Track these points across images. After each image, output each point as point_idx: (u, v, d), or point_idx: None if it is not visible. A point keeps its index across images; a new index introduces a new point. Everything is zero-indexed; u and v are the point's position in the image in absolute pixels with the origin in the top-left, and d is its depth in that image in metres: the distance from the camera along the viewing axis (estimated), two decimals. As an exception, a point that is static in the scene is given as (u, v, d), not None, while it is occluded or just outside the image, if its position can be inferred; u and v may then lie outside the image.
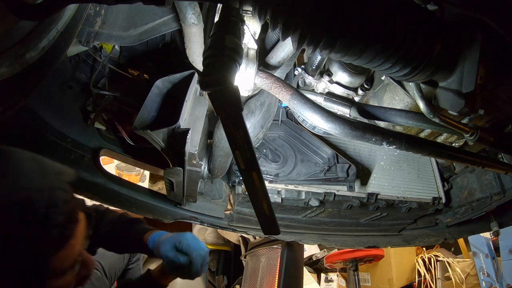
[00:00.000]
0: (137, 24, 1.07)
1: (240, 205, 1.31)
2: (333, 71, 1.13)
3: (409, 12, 0.68)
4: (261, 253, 2.35)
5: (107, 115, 1.22)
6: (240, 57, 0.62)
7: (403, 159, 1.55)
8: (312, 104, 0.84)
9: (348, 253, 2.68)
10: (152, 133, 0.85)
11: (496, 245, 2.68)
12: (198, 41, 0.96)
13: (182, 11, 0.89)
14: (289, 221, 1.47)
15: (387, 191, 1.44)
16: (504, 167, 0.98)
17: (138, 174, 2.65)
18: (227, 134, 0.60)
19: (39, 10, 0.53)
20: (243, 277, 2.43)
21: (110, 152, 1.26)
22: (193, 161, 0.98)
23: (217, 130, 1.11)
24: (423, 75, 0.74)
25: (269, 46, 0.98)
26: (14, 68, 0.60)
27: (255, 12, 0.65)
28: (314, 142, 1.35)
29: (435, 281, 2.95)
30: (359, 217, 1.52)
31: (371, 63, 0.72)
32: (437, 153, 0.90)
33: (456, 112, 0.75)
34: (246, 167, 0.62)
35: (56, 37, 0.68)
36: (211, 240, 3.16)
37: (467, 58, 0.71)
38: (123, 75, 1.25)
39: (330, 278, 3.21)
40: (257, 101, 1.07)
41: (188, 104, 0.93)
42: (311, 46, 0.68)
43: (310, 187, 1.30)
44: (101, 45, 1.16)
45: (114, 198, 1.21)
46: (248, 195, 0.65)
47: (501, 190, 1.40)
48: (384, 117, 0.98)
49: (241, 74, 0.89)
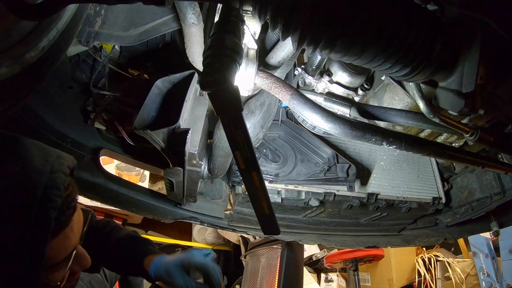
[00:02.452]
0: (137, 24, 1.07)
1: (240, 205, 1.31)
2: (333, 71, 1.13)
3: (409, 12, 0.68)
4: (261, 253, 2.35)
5: (107, 115, 1.22)
6: (240, 57, 0.62)
7: (403, 159, 1.55)
8: (312, 104, 0.84)
9: (348, 253, 2.68)
10: (152, 133, 0.85)
11: (496, 245, 2.68)
12: (198, 41, 0.96)
13: (182, 11, 0.89)
14: (289, 221, 1.47)
15: (387, 191, 1.44)
16: (504, 167, 0.98)
17: (138, 174, 2.65)
18: (227, 134, 0.60)
19: (39, 10, 0.53)
20: (243, 277, 2.43)
21: (110, 152, 1.26)
22: (193, 161, 0.98)
23: (217, 130, 1.11)
24: (423, 75, 0.74)
25: (269, 46, 0.98)
26: (14, 68, 0.60)
27: (255, 12, 0.65)
28: (314, 142, 1.35)
29: (435, 281, 2.95)
30: (359, 217, 1.52)
31: (371, 63, 0.72)
32: (437, 153, 0.90)
33: (456, 112, 0.75)
34: (246, 167, 0.62)
35: (56, 37, 0.68)
36: (211, 240, 3.16)
37: (467, 58, 0.71)
38: (123, 75, 1.25)
39: (330, 278, 3.21)
40: (257, 101, 1.07)
41: (188, 104, 0.93)
42: (311, 46, 0.68)
43: (310, 187, 1.30)
44: (101, 45, 1.16)
45: (114, 198, 1.21)
46: (248, 195, 0.65)
47: (501, 190, 1.40)
48: (384, 117, 0.98)
49: (241, 74, 0.89)
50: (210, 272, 0.97)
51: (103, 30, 0.96)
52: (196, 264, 0.97)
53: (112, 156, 1.30)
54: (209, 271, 0.97)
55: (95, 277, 1.53)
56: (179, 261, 0.97)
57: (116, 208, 1.23)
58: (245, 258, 2.57)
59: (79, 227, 0.64)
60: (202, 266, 0.97)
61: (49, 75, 0.73)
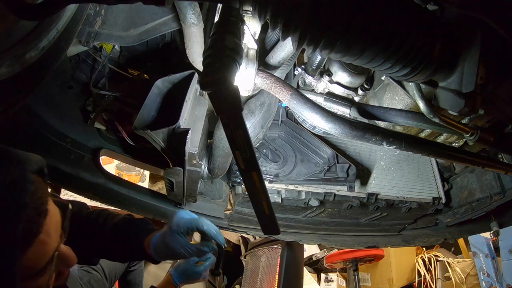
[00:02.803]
0: (137, 24, 1.07)
1: (240, 205, 1.31)
2: (333, 71, 1.13)
3: (409, 12, 0.68)
4: (261, 253, 2.35)
5: (107, 115, 1.22)
6: (240, 57, 0.62)
7: (403, 159, 1.55)
8: (312, 104, 0.84)
9: (348, 253, 2.68)
10: (152, 133, 0.85)
11: (496, 245, 2.68)
12: (198, 41, 0.96)
13: (182, 11, 0.89)
14: (289, 221, 1.47)
15: (387, 191, 1.44)
16: (504, 167, 0.98)
17: (138, 174, 2.65)
18: (227, 134, 0.60)
19: (39, 10, 0.53)
20: (243, 277, 2.43)
21: (110, 152, 1.26)
22: (193, 161, 0.98)
23: (217, 130, 1.11)
24: (423, 75, 0.74)
25: (269, 46, 0.98)
26: (14, 68, 0.60)
27: (255, 12, 0.65)
28: (314, 142, 1.35)
29: (435, 281, 2.95)
30: (359, 217, 1.52)
31: (371, 63, 0.72)
32: (437, 153, 0.90)
33: (456, 112, 0.75)
34: (246, 167, 0.62)
35: (56, 37, 0.68)
36: (211, 240, 3.15)
37: (467, 58, 0.71)
38: (123, 75, 1.25)
39: (330, 278, 3.21)
40: (257, 101, 1.07)
41: (188, 104, 0.93)
42: (311, 46, 0.68)
43: (310, 187, 1.30)
44: (101, 45, 1.16)
45: (114, 198, 1.21)
46: (248, 195, 0.65)
47: (501, 190, 1.40)
48: (384, 117, 0.98)
49: (241, 74, 0.89)
50: (204, 228, 0.97)
51: (103, 30, 0.96)
52: (188, 226, 0.97)
53: (112, 156, 1.30)
54: (202, 228, 0.97)
55: (94, 276, 1.53)
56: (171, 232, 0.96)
57: (116, 208, 1.23)
58: (245, 258, 2.57)
59: (57, 227, 0.59)
60: (193, 226, 0.97)
61: (49, 75, 0.73)
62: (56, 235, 0.59)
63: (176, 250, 0.96)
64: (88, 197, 1.17)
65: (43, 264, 0.56)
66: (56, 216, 0.60)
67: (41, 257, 0.56)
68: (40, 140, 1.07)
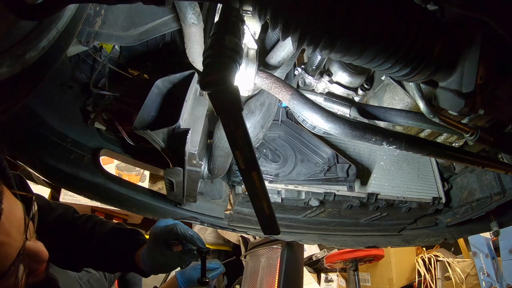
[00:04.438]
0: (137, 24, 1.07)
1: (240, 205, 1.31)
2: (333, 71, 1.13)
3: (409, 12, 0.68)
4: (261, 253, 2.35)
5: (107, 115, 1.22)
6: (240, 57, 0.62)
7: (403, 159, 1.55)
8: (312, 104, 0.84)
9: (348, 253, 2.68)
10: (152, 133, 0.85)
11: (496, 245, 2.68)
12: (198, 41, 0.96)
13: (182, 11, 0.89)
14: (289, 221, 1.47)
15: (387, 191, 1.44)
16: (504, 167, 0.98)
17: (138, 174, 2.65)
18: (227, 134, 0.60)
19: (39, 10, 0.53)
20: (243, 277, 2.43)
21: (110, 152, 1.26)
22: (193, 161, 0.98)
23: (217, 130, 1.11)
24: (423, 75, 0.74)
25: (269, 46, 0.98)
26: (14, 68, 0.60)
27: (255, 12, 0.65)
28: (314, 142, 1.35)
29: (435, 281, 2.95)
30: (359, 217, 1.52)
31: (371, 63, 0.72)
32: (437, 153, 0.90)
33: (456, 112, 0.75)
34: (246, 167, 0.62)
35: (56, 37, 0.68)
36: (211, 240, 3.16)
37: (467, 58, 0.71)
38: (123, 75, 1.25)
39: (330, 278, 3.21)
40: (257, 101, 1.07)
41: (188, 104, 0.93)
42: (311, 46, 0.68)
43: (310, 187, 1.30)
44: (101, 45, 1.16)
45: (114, 198, 1.21)
46: (248, 195, 0.65)
47: (501, 190, 1.40)
48: (384, 117, 0.98)
49: (241, 74, 0.89)
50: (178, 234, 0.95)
51: (103, 30, 0.96)
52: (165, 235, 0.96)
53: (112, 156, 1.30)
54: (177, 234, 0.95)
55: (93, 275, 1.53)
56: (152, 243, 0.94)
57: (116, 208, 1.23)
58: (245, 258, 2.57)
59: (18, 224, 0.56)
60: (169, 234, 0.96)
61: (49, 75, 0.72)
62: (18, 233, 0.55)
63: (159, 262, 0.94)
64: (88, 197, 1.17)
65: (6, 266, 0.52)
66: (16, 212, 0.56)
67: (3, 259, 0.52)
68: (40, 140, 1.07)
